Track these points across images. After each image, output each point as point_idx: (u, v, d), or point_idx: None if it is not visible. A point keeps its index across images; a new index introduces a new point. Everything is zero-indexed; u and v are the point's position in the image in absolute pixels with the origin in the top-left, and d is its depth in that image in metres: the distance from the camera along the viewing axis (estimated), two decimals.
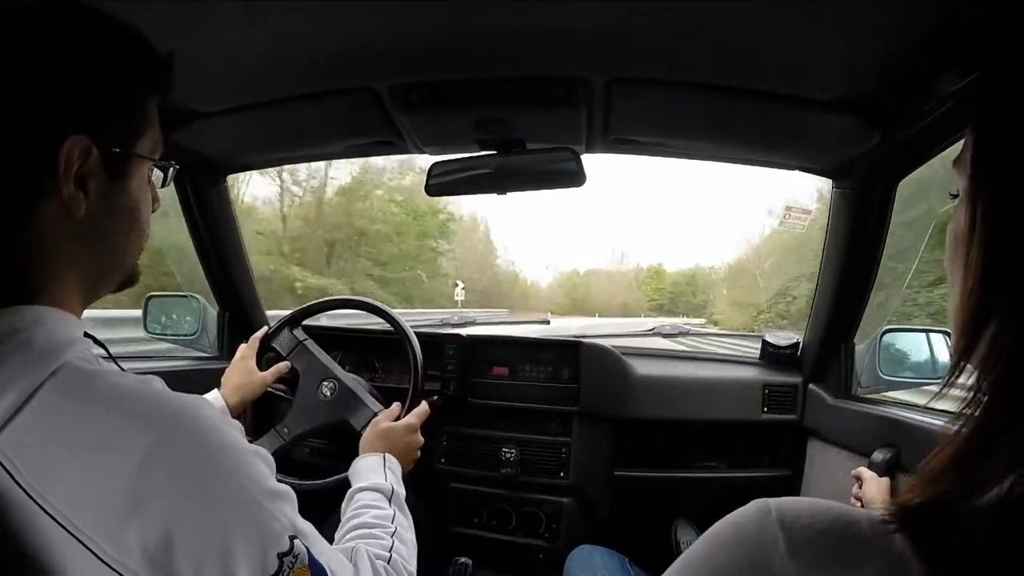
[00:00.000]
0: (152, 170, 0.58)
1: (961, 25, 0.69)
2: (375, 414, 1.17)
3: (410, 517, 0.86)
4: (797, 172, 1.30)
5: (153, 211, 0.59)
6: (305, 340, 1.31)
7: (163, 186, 0.62)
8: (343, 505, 0.85)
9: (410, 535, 0.81)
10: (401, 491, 0.90)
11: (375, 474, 0.92)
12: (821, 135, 1.09)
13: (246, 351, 1.26)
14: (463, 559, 1.43)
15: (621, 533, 1.44)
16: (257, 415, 1.34)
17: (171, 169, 0.62)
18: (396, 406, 1.17)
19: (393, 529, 0.78)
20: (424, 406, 1.16)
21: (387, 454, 0.98)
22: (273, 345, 1.30)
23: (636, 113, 1.10)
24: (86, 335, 0.51)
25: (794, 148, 1.20)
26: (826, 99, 0.95)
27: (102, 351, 0.53)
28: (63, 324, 0.48)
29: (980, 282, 0.31)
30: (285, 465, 1.23)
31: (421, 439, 1.11)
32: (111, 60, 0.50)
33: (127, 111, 0.52)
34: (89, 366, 0.46)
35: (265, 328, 1.32)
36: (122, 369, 0.50)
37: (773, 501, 0.34)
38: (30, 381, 0.42)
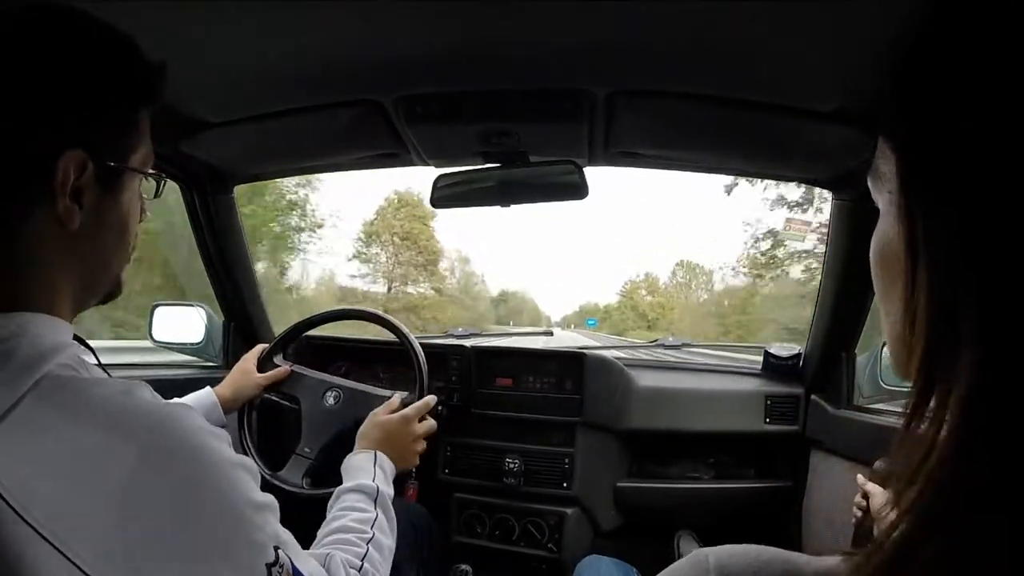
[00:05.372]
0: (141, 181, 0.57)
1: None
2: (388, 399, 1.18)
3: (394, 519, 0.85)
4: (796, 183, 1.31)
5: (140, 221, 0.59)
6: (291, 367, 1.31)
7: (155, 197, 0.62)
8: (329, 503, 0.85)
9: (388, 540, 0.80)
10: (388, 491, 0.88)
11: (363, 473, 0.90)
12: (820, 146, 1.10)
13: (249, 358, 1.28)
14: (464, 567, 1.42)
15: (624, 544, 1.44)
16: (264, 426, 1.34)
17: (164, 181, 0.62)
18: (396, 397, 1.15)
19: (370, 535, 0.77)
20: (425, 400, 1.14)
21: (379, 452, 0.96)
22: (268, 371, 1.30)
23: (638, 126, 1.12)
24: (75, 339, 0.50)
25: (794, 159, 1.22)
26: (825, 110, 0.96)
27: (91, 356, 0.53)
28: (50, 330, 0.47)
29: (933, 310, 0.27)
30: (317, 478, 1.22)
31: (418, 429, 1.09)
32: (109, 72, 0.50)
33: (123, 124, 0.52)
34: (73, 374, 0.46)
35: (259, 350, 1.32)
36: (109, 375, 0.49)
37: (714, 553, 0.32)
38: (12, 392, 0.42)
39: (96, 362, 0.53)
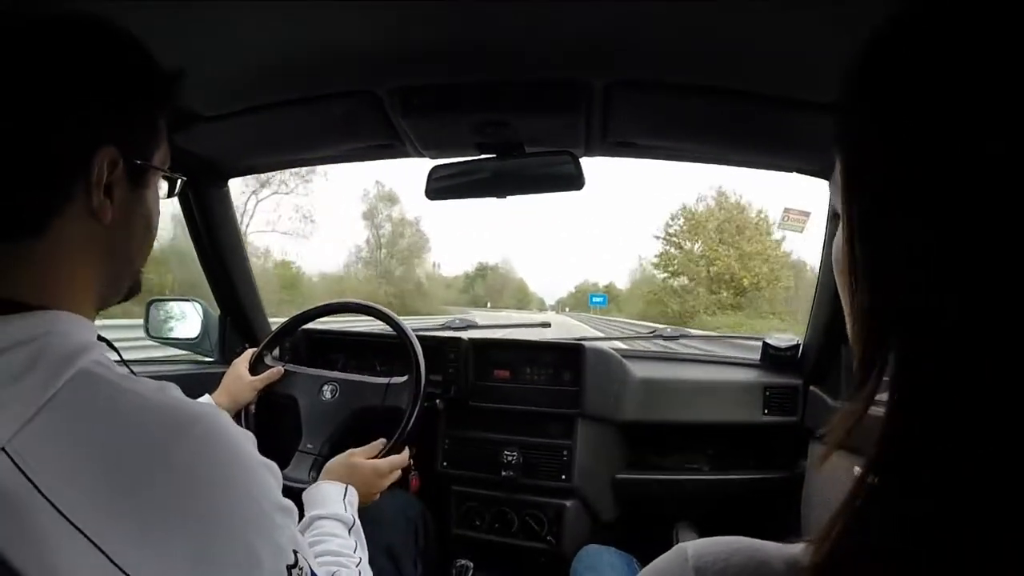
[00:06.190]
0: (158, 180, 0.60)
1: None
2: (387, 384, 1.20)
3: (367, 551, 0.85)
4: (794, 174, 1.30)
5: None
6: (284, 365, 1.31)
7: (169, 196, 0.64)
8: (299, 526, 0.84)
9: (368, 572, 0.81)
10: (359, 525, 0.88)
11: (335, 503, 0.90)
12: (818, 137, 1.09)
13: (241, 362, 1.28)
14: (464, 561, 1.42)
15: (624, 536, 1.44)
16: (262, 427, 1.34)
17: (179, 181, 0.65)
18: (379, 443, 1.11)
19: (357, 560, 0.78)
20: (403, 456, 1.10)
21: (349, 485, 0.95)
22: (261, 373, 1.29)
23: (635, 116, 1.11)
24: (100, 339, 0.51)
25: (791, 150, 1.21)
26: (823, 101, 0.95)
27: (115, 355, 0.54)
28: (77, 328, 0.48)
29: (868, 314, 0.30)
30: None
31: (385, 485, 1.06)
32: (135, 77, 0.53)
33: (147, 125, 0.55)
34: (105, 372, 0.46)
35: (249, 354, 1.31)
36: (134, 374, 0.50)
37: (692, 546, 0.35)
38: (47, 387, 0.43)
39: (120, 361, 0.54)
